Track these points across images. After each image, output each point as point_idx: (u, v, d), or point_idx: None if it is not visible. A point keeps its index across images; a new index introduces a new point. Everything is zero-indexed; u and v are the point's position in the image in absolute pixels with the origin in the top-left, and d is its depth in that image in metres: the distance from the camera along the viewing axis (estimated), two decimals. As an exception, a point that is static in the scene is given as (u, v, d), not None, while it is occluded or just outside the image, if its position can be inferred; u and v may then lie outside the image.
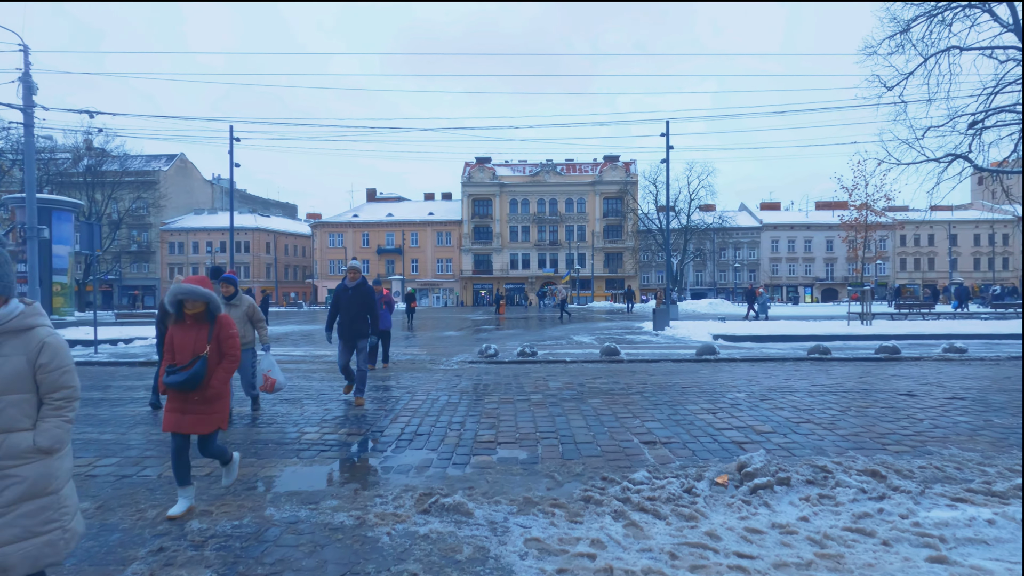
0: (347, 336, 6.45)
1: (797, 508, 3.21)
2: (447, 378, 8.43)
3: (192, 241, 68.75)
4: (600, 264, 63.31)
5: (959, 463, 4.00)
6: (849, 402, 6.30)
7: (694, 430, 5.13)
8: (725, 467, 3.96)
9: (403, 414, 5.97)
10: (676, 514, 3.15)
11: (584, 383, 7.81)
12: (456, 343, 14.72)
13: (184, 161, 73.60)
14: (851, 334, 14.18)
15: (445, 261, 66.35)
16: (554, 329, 19.78)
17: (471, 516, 3.18)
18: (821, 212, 65.01)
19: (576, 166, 66.94)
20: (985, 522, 2.88)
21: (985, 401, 6.30)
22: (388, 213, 68.65)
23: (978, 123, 19.04)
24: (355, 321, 6.39)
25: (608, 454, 4.45)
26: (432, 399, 6.76)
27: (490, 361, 10.28)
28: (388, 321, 9.74)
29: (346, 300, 6.43)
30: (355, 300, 6.41)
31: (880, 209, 25.37)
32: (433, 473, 4.06)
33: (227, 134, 23.46)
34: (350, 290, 6.44)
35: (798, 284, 65.44)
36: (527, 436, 5.01)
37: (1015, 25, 18.38)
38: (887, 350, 10.52)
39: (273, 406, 6.49)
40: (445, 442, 4.87)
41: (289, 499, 3.55)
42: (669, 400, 6.51)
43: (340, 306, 6.46)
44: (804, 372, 8.70)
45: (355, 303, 6.40)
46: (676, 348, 12.42)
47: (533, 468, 4.13)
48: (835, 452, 4.36)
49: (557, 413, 5.89)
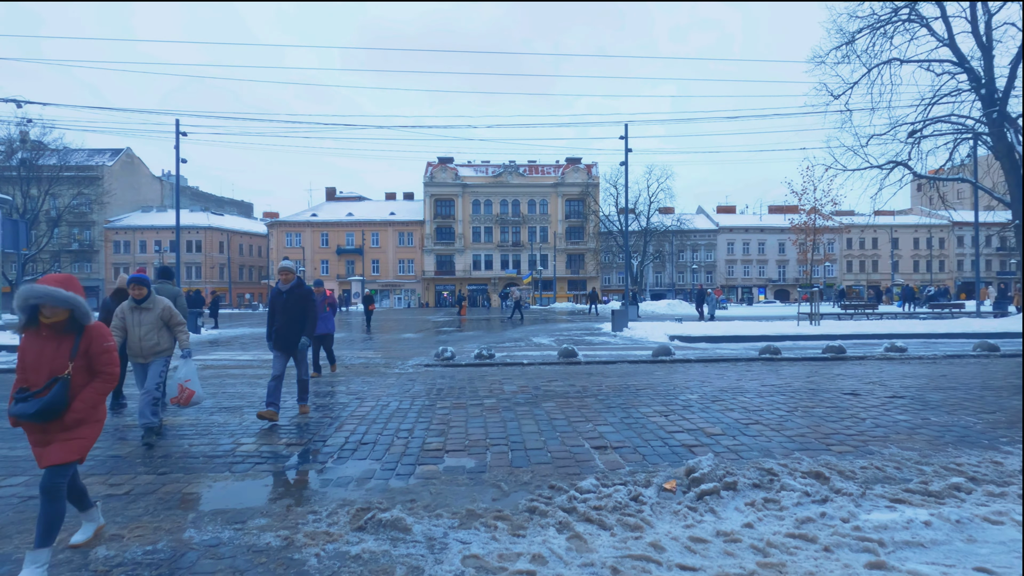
0: (284, 344, 5.88)
1: (742, 514, 3.17)
2: (400, 383, 8.19)
3: (139, 240, 65.71)
4: (562, 265, 63.75)
5: (898, 462, 4.07)
6: (797, 402, 6.41)
7: (646, 434, 5.09)
8: (674, 472, 3.92)
9: (349, 422, 5.72)
10: (622, 524, 3.06)
11: (540, 386, 7.72)
12: (413, 346, 14.44)
13: (131, 156, 70.24)
14: (800, 334, 14.61)
15: (407, 262, 65.50)
16: (514, 331, 19.70)
17: (409, 532, 3.01)
18: (774, 216, 67.30)
19: (539, 168, 67.24)
20: (922, 524, 2.90)
21: (923, 399, 6.51)
22: (348, 213, 67.27)
23: (917, 132, 19.99)
24: (293, 327, 5.89)
25: (558, 461, 4.34)
26: (382, 405, 6.53)
27: (446, 364, 10.08)
28: (331, 325, 9.21)
29: (281, 304, 5.89)
30: (291, 304, 5.89)
31: (828, 213, 26.38)
32: (374, 485, 3.86)
33: (176, 128, 22.42)
34: (284, 294, 5.92)
35: (752, 285, 67.55)
36: (477, 443, 4.86)
37: (950, 40, 19.36)
38: (833, 350, 10.85)
39: (211, 415, 6.13)
40: (391, 451, 4.67)
41: (214, 519, 3.30)
42: (623, 403, 6.48)
43: (276, 312, 5.92)
44: (755, 372, 8.86)
45: (292, 307, 5.88)
46: (633, 349, 12.51)
47: (480, 477, 3.98)
48: (782, 454, 4.38)
49: (510, 418, 5.76)
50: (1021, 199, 19.04)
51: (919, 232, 67.82)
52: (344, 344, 15.13)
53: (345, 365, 10.27)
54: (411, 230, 65.44)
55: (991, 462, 4.03)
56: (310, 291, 6.08)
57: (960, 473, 3.79)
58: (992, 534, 2.82)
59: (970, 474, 3.78)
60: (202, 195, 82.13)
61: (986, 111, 18.84)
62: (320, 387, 7.88)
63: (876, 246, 68.02)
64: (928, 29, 19.49)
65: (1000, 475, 3.77)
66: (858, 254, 68.30)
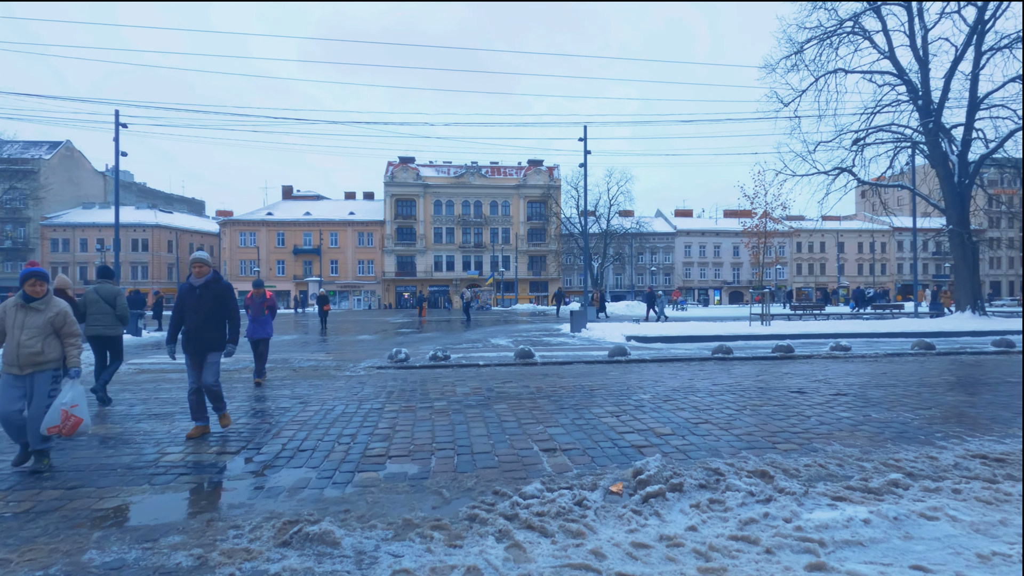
0: (194, 348, 5.09)
1: (687, 516, 3.10)
2: (349, 386, 7.89)
3: (80, 238, 62.21)
4: (524, 267, 63.89)
5: (840, 460, 4.11)
6: (746, 401, 6.47)
7: (596, 435, 5.00)
8: (622, 473, 3.83)
9: (288, 427, 5.43)
10: (564, 531, 2.94)
11: (493, 388, 7.57)
12: (368, 347, 14.06)
13: (70, 150, 66.51)
14: (752, 334, 14.97)
15: (367, 262, 64.31)
16: (472, 332, 19.50)
17: (337, 546, 2.80)
18: (729, 220, 69.36)
19: (501, 169, 67.21)
20: (862, 522, 2.89)
21: (865, 397, 6.69)
22: (306, 212, 65.56)
23: (860, 140, 20.85)
24: (205, 328, 5.07)
25: (505, 465, 4.20)
26: (327, 409, 6.24)
27: (399, 366, 9.81)
28: (269, 328, 8.51)
29: (193, 302, 5.09)
30: (205, 301, 5.10)
31: (779, 217, 27.20)
32: (307, 495, 3.63)
33: (116, 119, 21.23)
34: (198, 289, 5.11)
35: (708, 287, 69.37)
36: (422, 448, 4.67)
37: (890, 52, 20.28)
38: (782, 349, 11.12)
39: (138, 422, 5.71)
40: (330, 458, 4.42)
41: (122, 537, 3.00)
42: (575, 404, 6.40)
43: (185, 310, 5.12)
44: (708, 372, 8.96)
45: (205, 305, 5.09)
46: (590, 350, 12.52)
47: (422, 484, 3.80)
48: (729, 453, 4.37)
49: (459, 421, 5.59)
50: (955, 205, 20.09)
51: (863, 237, 71.10)
52: (296, 347, 14.62)
53: (293, 368, 9.87)
54: (371, 230, 64.29)
55: (927, 457, 4.12)
56: (228, 287, 5.30)
57: (898, 469, 3.84)
58: (928, 530, 2.83)
59: (907, 469, 3.84)
60: (150, 192, 78.47)
61: (923, 121, 19.82)
62: (260, 392, 7.51)
63: (824, 250, 70.96)
64: (870, 42, 20.39)
65: (935, 470, 3.84)
66: (807, 257, 71.07)
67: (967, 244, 20.15)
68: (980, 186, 22.19)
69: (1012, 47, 18.69)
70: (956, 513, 3.01)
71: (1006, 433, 4.89)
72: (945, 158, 20.09)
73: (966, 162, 20.04)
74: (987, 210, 30.74)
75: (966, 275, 20.53)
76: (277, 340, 16.98)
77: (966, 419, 5.46)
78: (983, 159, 19.94)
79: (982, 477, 3.66)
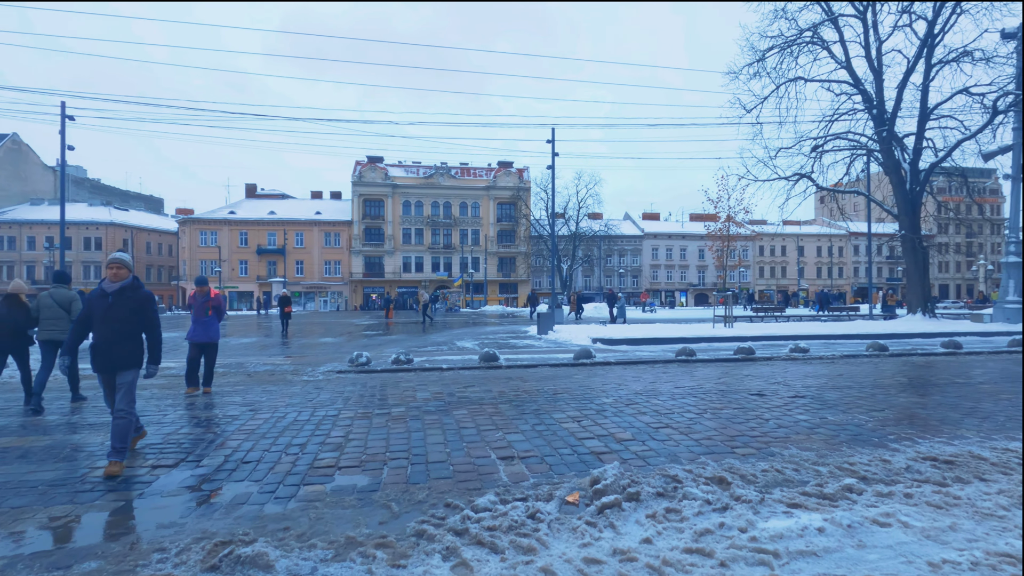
0: (101, 365, 4.29)
1: (643, 527, 3.01)
2: (305, 391, 7.60)
3: (27, 236, 59.29)
4: (494, 268, 63.76)
5: (797, 464, 4.10)
6: (707, 404, 6.48)
7: (556, 441, 4.90)
8: (579, 482, 3.73)
9: (235, 437, 5.15)
10: (515, 546, 2.81)
11: (455, 392, 7.40)
12: (330, 351, 13.68)
13: (17, 143, 63.37)
14: (715, 336, 15.18)
15: (334, 263, 63.11)
16: (439, 334, 19.25)
17: (270, 570, 2.61)
18: (695, 223, 70.72)
19: (471, 170, 66.93)
20: (816, 530, 2.85)
21: (822, 399, 6.78)
22: (270, 211, 63.93)
23: (819, 147, 21.45)
24: (115, 343, 4.27)
25: (460, 475, 4.05)
26: (278, 417, 5.97)
27: (360, 370, 9.54)
28: (215, 332, 7.66)
29: (103, 311, 4.27)
30: (117, 311, 4.29)
31: (742, 221, 27.64)
32: (245, 512, 3.40)
33: (62, 111, 20.19)
34: (110, 296, 4.31)
35: (675, 289, 70.56)
36: (374, 458, 4.48)
37: (847, 63, 20.92)
38: (744, 351, 11.28)
39: (68, 434, 5.34)
40: (275, 470, 4.19)
41: (31, 564, 2.73)
42: (537, 409, 6.29)
43: (93, 320, 4.30)
44: (671, 374, 8.99)
45: (117, 316, 4.28)
46: (556, 352, 12.46)
47: (370, 497, 3.61)
48: (688, 459, 4.32)
49: (416, 428, 5.41)
50: (907, 212, 20.85)
51: (821, 241, 73.53)
52: (253, 350, 14.14)
53: (248, 373, 9.49)
54: (338, 230, 63.13)
55: (880, 460, 4.14)
56: (149, 296, 4.50)
57: (853, 473, 3.85)
58: (880, 538, 2.81)
59: (862, 473, 3.85)
60: (104, 188, 75.32)
61: (877, 130, 20.51)
62: (208, 399, 7.16)
63: (785, 253, 73.07)
64: (828, 52, 21.00)
65: (888, 473, 3.86)
66: (769, 261, 73.05)
67: (918, 249, 20.96)
68: (930, 193, 23.13)
69: (959, 61, 19.53)
70: (908, 519, 3.00)
71: (954, 434, 4.99)
72: (898, 166, 20.85)
73: (917, 170, 20.85)
74: (936, 216, 32.16)
75: (917, 279, 21.34)
76: (235, 343, 16.41)
77: (917, 420, 5.57)
78: (932, 167, 20.78)
79: (932, 480, 3.69)
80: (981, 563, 2.52)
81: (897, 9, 20.10)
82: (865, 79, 21.06)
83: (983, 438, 4.85)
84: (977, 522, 3.00)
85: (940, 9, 19.28)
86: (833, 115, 21.57)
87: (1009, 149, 18.69)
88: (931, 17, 19.47)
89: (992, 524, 2.97)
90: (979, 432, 5.06)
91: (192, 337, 7.55)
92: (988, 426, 5.29)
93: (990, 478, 3.73)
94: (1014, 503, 3.26)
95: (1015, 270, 19.06)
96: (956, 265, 76.07)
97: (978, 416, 5.73)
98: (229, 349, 14.39)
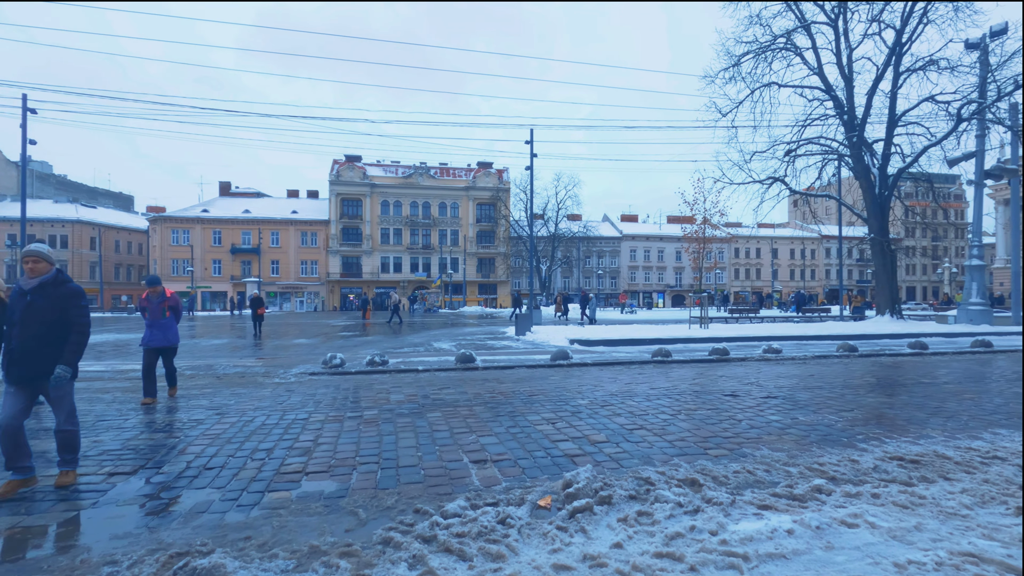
0: (18, 374, 3.71)
1: (614, 532, 2.98)
2: (275, 394, 7.42)
3: (-14, 233, 56.98)
4: (473, 269, 63.57)
5: (768, 465, 4.12)
6: (681, 405, 6.50)
7: (529, 444, 4.85)
8: (552, 486, 3.69)
9: (198, 442, 4.98)
10: (484, 553, 2.75)
11: (429, 395, 7.30)
12: (304, 352, 13.44)
13: (-24, 136, 60.85)
14: (691, 337, 15.33)
15: (310, 263, 62.19)
16: (416, 335, 19.08)
17: (227, 582, 2.50)
18: (672, 225, 71.56)
19: (450, 170, 66.67)
20: (785, 532, 2.85)
21: (793, 399, 6.87)
22: (245, 209, 62.71)
23: (792, 152, 21.86)
24: (36, 347, 3.73)
25: (431, 479, 3.97)
26: (245, 421, 5.80)
27: (334, 372, 9.37)
28: (173, 335, 7.10)
29: (22, 312, 3.75)
30: (37, 311, 3.76)
31: (718, 223, 28.00)
32: (205, 521, 3.27)
33: (23, 104, 19.47)
34: (28, 294, 3.78)
35: (652, 290, 71.29)
36: (344, 462, 4.37)
37: (819, 69, 21.36)
38: (719, 352, 11.39)
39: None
40: (239, 476, 4.05)
41: (-31, 581, 2.58)
42: (512, 411, 6.23)
43: (12, 323, 3.78)
44: (646, 375, 9.02)
45: (37, 316, 3.75)
46: (533, 354, 12.44)
47: (337, 504, 3.51)
48: (661, 460, 4.31)
49: (388, 432, 5.30)
50: (876, 215, 21.36)
51: (794, 244, 75.09)
52: (224, 352, 13.81)
53: (216, 375, 9.25)
54: (315, 230, 62.25)
55: (849, 460, 4.19)
56: (76, 292, 3.95)
57: (822, 474, 3.88)
58: (848, 539, 2.82)
59: (831, 474, 3.89)
60: (71, 185, 72.99)
61: (848, 135, 20.99)
62: (172, 402, 6.94)
63: (759, 255, 74.42)
64: (801, 58, 21.43)
65: (856, 473, 3.91)
66: (744, 263, 74.31)
67: (886, 251, 21.51)
68: (898, 198, 23.77)
69: (926, 69, 20.10)
70: (875, 520, 3.02)
71: (920, 434, 5.08)
72: (867, 171, 21.38)
73: (886, 175, 21.40)
74: (904, 220, 32.99)
75: (885, 281, 21.90)
76: (205, 345, 16.03)
77: (885, 420, 5.66)
78: (900, 173, 21.35)
79: (899, 480, 3.74)
80: (945, 563, 2.55)
81: (867, 17, 20.63)
82: (836, 85, 21.55)
83: (947, 437, 4.95)
84: (941, 522, 3.03)
85: (908, 18, 19.83)
86: (806, 120, 22.02)
87: (972, 156, 19.31)
88: (899, 26, 20.02)
89: (956, 523, 3.01)
90: (943, 431, 5.17)
91: (149, 342, 6.93)
92: (952, 425, 5.41)
93: (954, 477, 3.79)
94: (977, 502, 3.31)
95: (978, 273, 19.69)
96: (922, 268, 78.42)
97: (943, 415, 5.86)
98: (199, 351, 14.03)
